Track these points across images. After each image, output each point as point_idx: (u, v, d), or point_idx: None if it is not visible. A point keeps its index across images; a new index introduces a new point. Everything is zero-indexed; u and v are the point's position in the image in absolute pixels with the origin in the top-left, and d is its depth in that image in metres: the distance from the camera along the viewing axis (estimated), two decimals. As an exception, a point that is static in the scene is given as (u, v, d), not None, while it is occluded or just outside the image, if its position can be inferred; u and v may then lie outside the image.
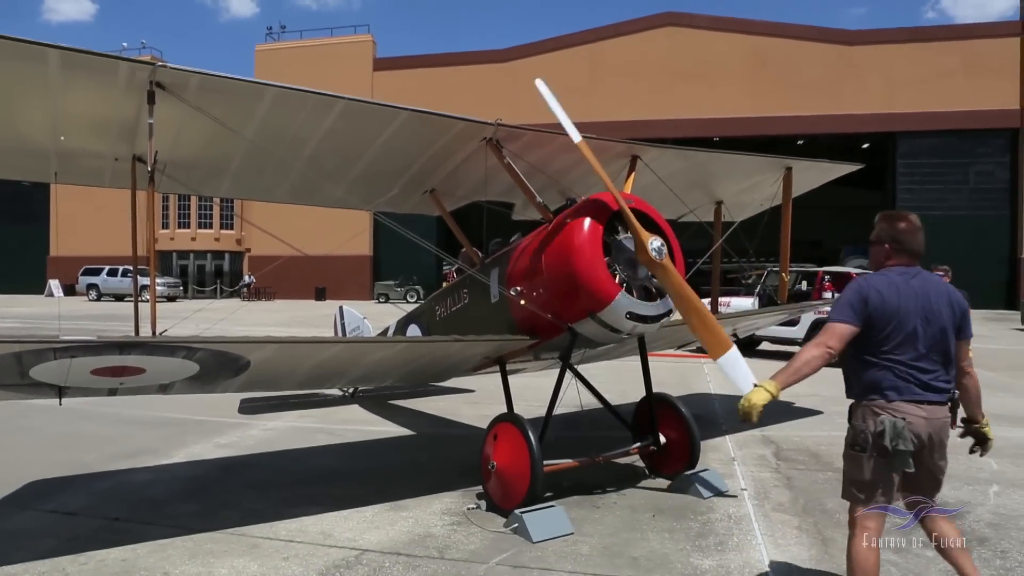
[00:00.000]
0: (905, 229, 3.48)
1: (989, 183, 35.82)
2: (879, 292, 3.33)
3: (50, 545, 4.51)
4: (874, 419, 3.26)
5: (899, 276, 3.40)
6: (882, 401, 3.28)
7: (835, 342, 3.33)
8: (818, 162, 7.92)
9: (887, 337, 3.30)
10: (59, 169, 5.63)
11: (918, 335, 3.29)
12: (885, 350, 3.30)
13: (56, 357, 3.97)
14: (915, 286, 3.37)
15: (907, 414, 3.22)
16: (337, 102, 4.89)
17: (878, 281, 3.39)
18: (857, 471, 3.33)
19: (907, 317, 3.30)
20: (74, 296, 41.97)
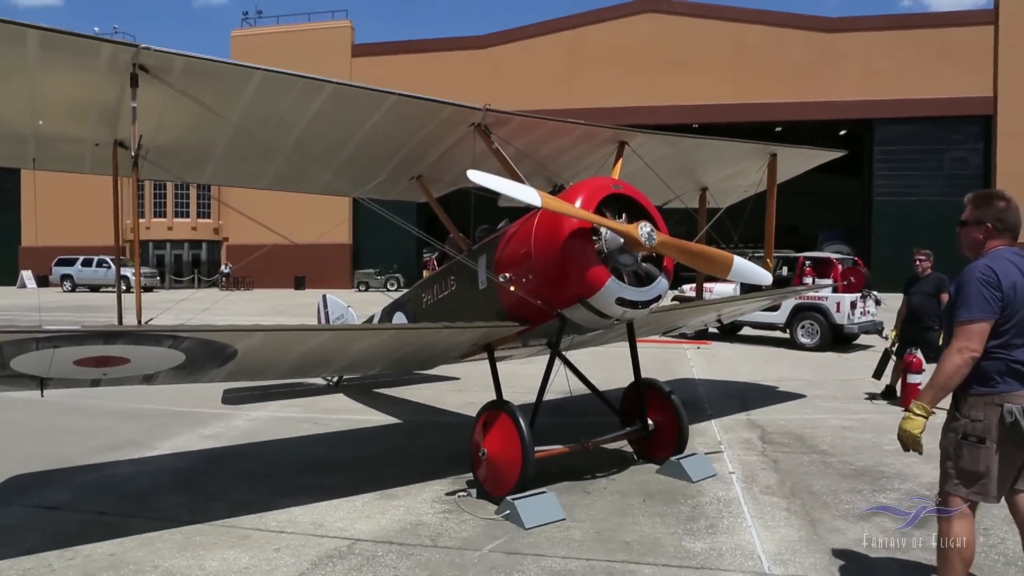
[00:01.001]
0: (1005, 207, 3.33)
1: (963, 169, 36.32)
2: (1011, 279, 3.16)
3: (35, 540, 4.43)
4: (997, 410, 3.13)
5: (1015, 257, 3.24)
6: (1002, 391, 3.15)
7: (976, 343, 3.13)
8: (802, 148, 7.95)
9: (1007, 327, 3.16)
10: (37, 155, 5.49)
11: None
12: (1002, 339, 3.17)
13: (38, 347, 3.88)
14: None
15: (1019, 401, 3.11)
16: (325, 86, 4.81)
17: (999, 266, 3.19)
18: (973, 463, 3.18)
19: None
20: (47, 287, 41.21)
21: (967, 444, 3.20)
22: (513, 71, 39.48)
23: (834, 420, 7.81)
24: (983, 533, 4.51)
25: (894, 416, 8.03)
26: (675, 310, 7.26)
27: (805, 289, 13.17)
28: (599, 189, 5.11)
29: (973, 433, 3.18)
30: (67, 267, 40.47)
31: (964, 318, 3.16)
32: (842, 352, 13.69)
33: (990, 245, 3.34)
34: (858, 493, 5.35)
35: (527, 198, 4.67)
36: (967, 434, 3.20)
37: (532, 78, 38.66)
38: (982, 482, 3.17)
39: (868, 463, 6.13)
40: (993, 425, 3.13)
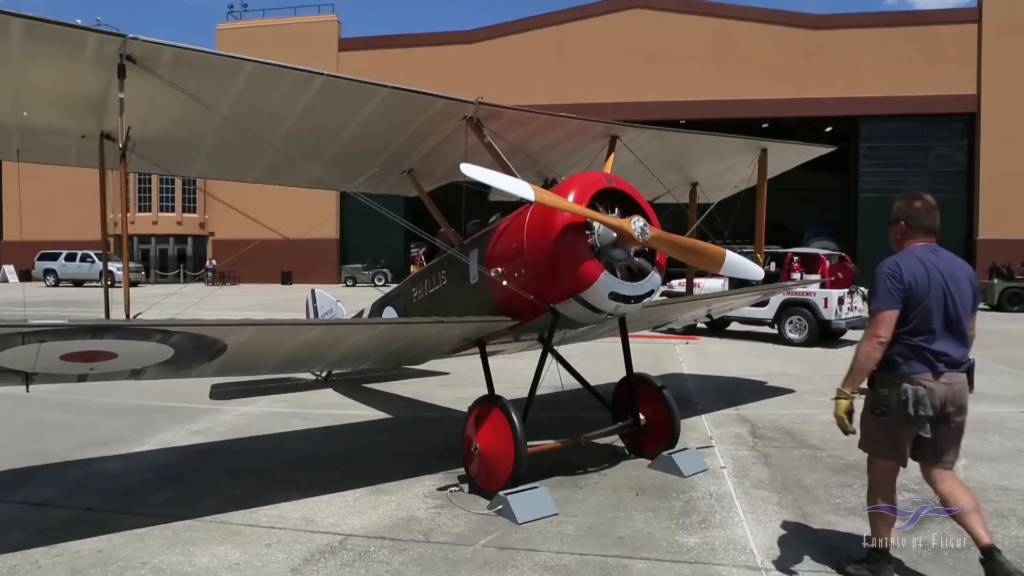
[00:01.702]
0: (921, 207, 3.71)
1: (947, 166, 36.72)
2: (912, 273, 3.54)
3: (20, 537, 4.36)
4: (898, 389, 3.52)
5: (924, 254, 3.62)
6: (904, 372, 3.53)
7: (884, 331, 3.52)
8: (793, 144, 7.97)
9: (913, 315, 3.53)
10: (21, 146, 5.40)
11: (940, 310, 3.55)
12: (909, 328, 3.53)
13: (24, 342, 3.81)
14: (939, 263, 3.61)
15: (927, 384, 3.49)
16: (316, 78, 4.76)
17: (904, 262, 3.59)
18: (877, 432, 3.65)
19: (933, 294, 3.54)
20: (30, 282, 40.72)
21: (874, 416, 3.65)
22: (501, 66, 39.43)
23: (823, 415, 7.82)
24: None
25: (882, 410, 8.09)
26: (666, 305, 7.26)
27: (793, 285, 13.24)
28: (592, 183, 5.10)
29: (878, 405, 3.62)
30: (50, 261, 40.03)
31: (873, 308, 3.61)
32: (830, 347, 13.78)
33: (908, 243, 3.74)
34: (848, 487, 5.37)
35: (521, 192, 4.64)
36: (874, 406, 3.64)
37: (520, 73, 38.63)
38: (889, 448, 3.64)
39: (858, 457, 6.07)
40: (894, 401, 3.55)
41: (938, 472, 3.65)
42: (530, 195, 4.62)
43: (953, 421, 3.60)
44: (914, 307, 3.54)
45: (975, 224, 35.62)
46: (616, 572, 3.89)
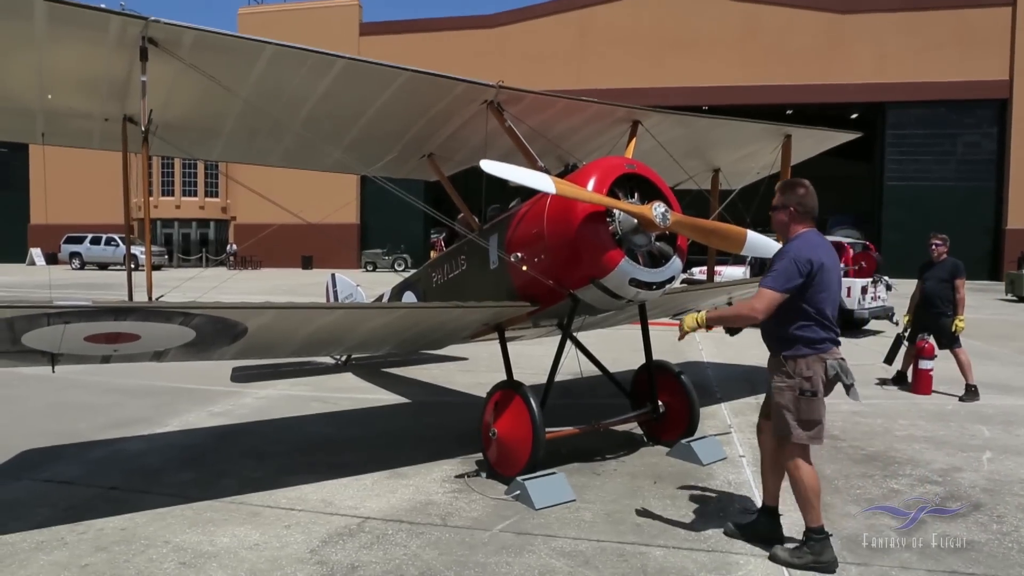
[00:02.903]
0: (805, 194, 3.91)
1: (976, 154, 36.00)
2: (819, 258, 3.74)
3: (47, 514, 4.45)
4: (822, 365, 3.76)
5: (817, 239, 3.87)
6: (820, 349, 3.76)
7: (765, 309, 3.73)
8: (817, 130, 7.84)
9: (819, 295, 3.75)
10: (46, 130, 5.45)
11: (835, 289, 3.83)
12: (818, 307, 3.76)
13: (50, 323, 3.87)
14: (826, 247, 3.86)
15: (837, 356, 3.81)
16: (336, 62, 4.74)
17: (807, 247, 3.79)
18: (811, 413, 3.76)
19: (831, 275, 3.79)
20: (56, 265, 41.39)
21: (804, 398, 3.76)
22: (522, 51, 39.22)
23: (844, 405, 7.71)
24: (996, 520, 4.48)
25: (905, 402, 7.99)
26: (686, 292, 7.20)
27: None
28: (613, 169, 5.05)
29: (808, 389, 3.75)
30: (76, 245, 40.66)
31: (767, 285, 3.75)
32: (852, 337, 13.61)
33: (795, 228, 3.91)
34: (869, 478, 5.32)
35: (541, 185, 4.64)
36: (803, 390, 3.76)
37: (541, 58, 38.40)
38: (817, 428, 3.79)
39: (879, 448, 6.10)
40: (819, 379, 3.75)
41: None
42: (551, 188, 4.61)
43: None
44: (821, 289, 3.74)
45: (1004, 214, 34.95)
46: (633, 559, 3.88)
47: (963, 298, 8.31)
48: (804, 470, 3.81)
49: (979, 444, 6.26)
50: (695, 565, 3.82)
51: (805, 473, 3.80)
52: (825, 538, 3.79)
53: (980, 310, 18.79)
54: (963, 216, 33.58)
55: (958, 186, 35.52)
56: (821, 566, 3.72)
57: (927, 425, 6.92)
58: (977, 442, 6.32)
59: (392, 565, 3.79)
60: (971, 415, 7.34)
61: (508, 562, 3.83)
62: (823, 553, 3.74)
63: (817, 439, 3.81)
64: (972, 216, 34.40)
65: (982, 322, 15.83)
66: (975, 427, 6.84)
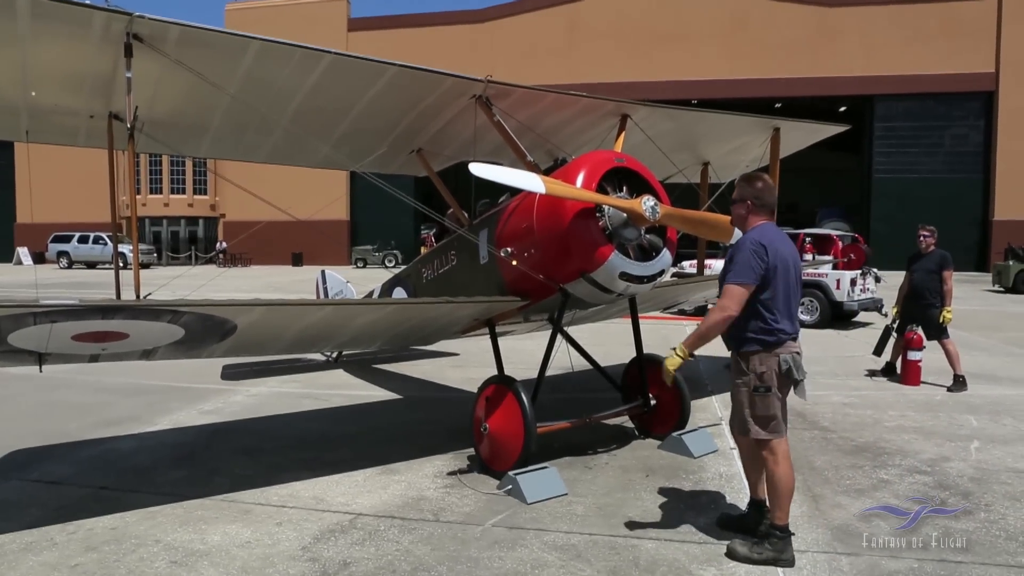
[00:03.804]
0: (763, 187, 3.92)
1: (963, 146, 36.23)
2: (775, 250, 3.74)
3: (36, 515, 4.42)
4: (775, 360, 3.74)
5: (774, 231, 3.88)
6: (772, 344, 3.75)
7: (736, 305, 3.72)
8: (806, 123, 7.86)
9: (776, 288, 3.75)
10: (30, 127, 5.40)
11: (791, 282, 3.81)
12: (769, 302, 3.75)
13: (36, 322, 3.84)
14: (783, 239, 3.87)
15: (792, 351, 3.77)
16: (324, 56, 4.72)
17: (768, 240, 3.78)
18: (765, 408, 3.76)
19: (787, 267, 3.78)
20: (44, 264, 41.05)
21: (758, 395, 3.76)
22: (511, 45, 39.12)
23: (835, 396, 7.82)
24: (984, 509, 4.52)
25: (894, 393, 8.05)
26: (677, 286, 7.22)
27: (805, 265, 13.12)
28: (602, 163, 5.05)
29: (760, 385, 3.75)
30: (63, 244, 40.32)
31: (732, 280, 3.75)
32: (842, 329, 13.70)
33: (753, 221, 3.92)
34: (859, 469, 5.35)
35: (530, 186, 4.66)
36: (756, 387, 3.77)
37: (530, 52, 38.32)
38: (773, 423, 3.78)
39: (869, 439, 6.14)
40: (773, 374, 3.74)
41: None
42: (540, 188, 4.63)
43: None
44: (775, 284, 3.74)
45: (991, 205, 35.20)
46: (625, 552, 3.89)
47: (951, 289, 8.37)
48: (780, 468, 3.78)
49: (967, 434, 6.31)
50: (687, 557, 3.83)
51: (780, 471, 3.78)
52: (787, 537, 3.78)
53: (968, 301, 18.93)
54: (951, 208, 33.80)
55: (946, 178, 35.73)
56: (780, 563, 3.71)
57: (916, 416, 6.97)
58: (965, 432, 6.38)
59: (384, 561, 3.78)
60: (959, 405, 7.40)
61: (500, 556, 3.83)
62: (784, 552, 3.73)
63: (776, 433, 3.78)
64: (959, 208, 34.62)
65: (970, 313, 15.95)
66: (963, 417, 6.90)
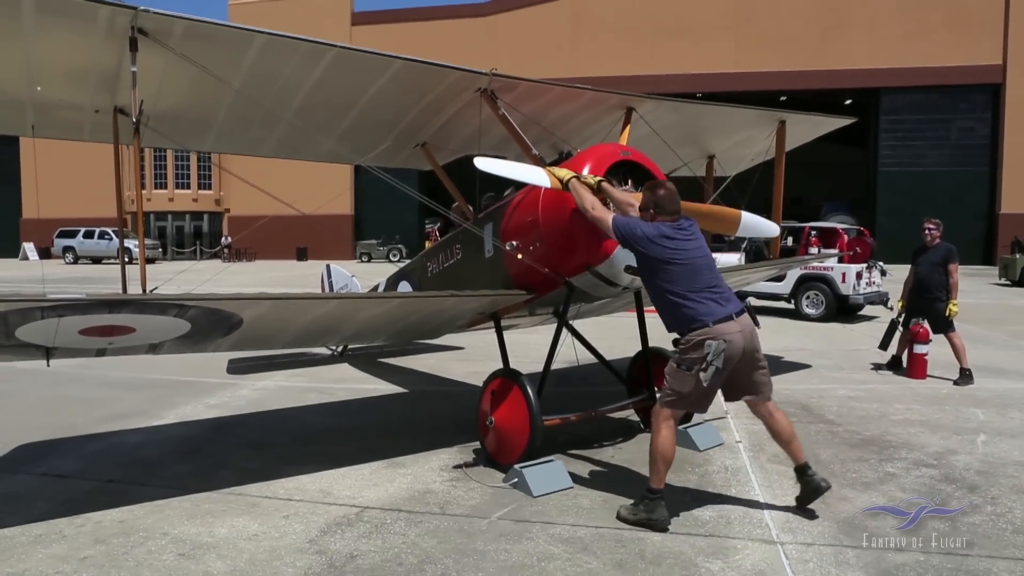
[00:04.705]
0: (664, 195, 4.34)
1: (970, 139, 36.02)
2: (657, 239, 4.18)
3: (44, 508, 4.44)
4: (701, 344, 4.04)
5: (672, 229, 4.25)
6: (707, 328, 4.06)
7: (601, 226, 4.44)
8: (811, 115, 7.83)
9: (673, 276, 4.16)
10: (36, 122, 5.40)
11: (708, 269, 4.22)
12: (687, 290, 4.15)
13: (43, 316, 3.85)
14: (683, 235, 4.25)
15: (726, 334, 4.04)
16: (328, 50, 4.71)
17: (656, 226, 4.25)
18: (680, 385, 4.15)
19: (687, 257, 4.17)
20: (49, 259, 41.19)
21: (678, 371, 4.16)
22: (514, 39, 39.03)
23: (840, 390, 7.80)
24: (991, 502, 4.51)
25: (900, 386, 8.03)
26: None
27: (811, 259, 13.10)
28: (608, 155, 5.04)
29: (682, 363, 4.14)
30: (69, 239, 40.45)
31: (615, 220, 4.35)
32: (847, 322, 13.67)
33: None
34: (865, 462, 5.34)
35: (537, 180, 4.71)
36: (679, 363, 4.16)
37: (534, 46, 38.23)
38: (689, 399, 4.15)
39: (874, 433, 6.13)
40: (699, 357, 4.06)
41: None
42: (546, 182, 4.67)
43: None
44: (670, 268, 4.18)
45: (997, 198, 35.03)
46: (631, 545, 3.90)
47: (956, 282, 8.35)
48: (661, 434, 4.16)
49: (974, 427, 6.30)
50: (693, 550, 3.84)
51: (661, 437, 4.16)
52: (658, 499, 4.09)
53: (974, 294, 18.87)
54: (957, 201, 33.65)
55: (952, 171, 35.56)
56: (652, 523, 4.05)
57: (922, 409, 6.96)
58: (972, 425, 6.36)
59: (391, 554, 3.80)
60: (965, 399, 7.39)
61: (507, 549, 3.84)
62: (654, 511, 4.06)
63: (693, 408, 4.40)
64: (966, 201, 34.47)
65: (976, 306, 15.90)
66: (970, 410, 6.88)
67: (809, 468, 4.29)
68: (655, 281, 4.23)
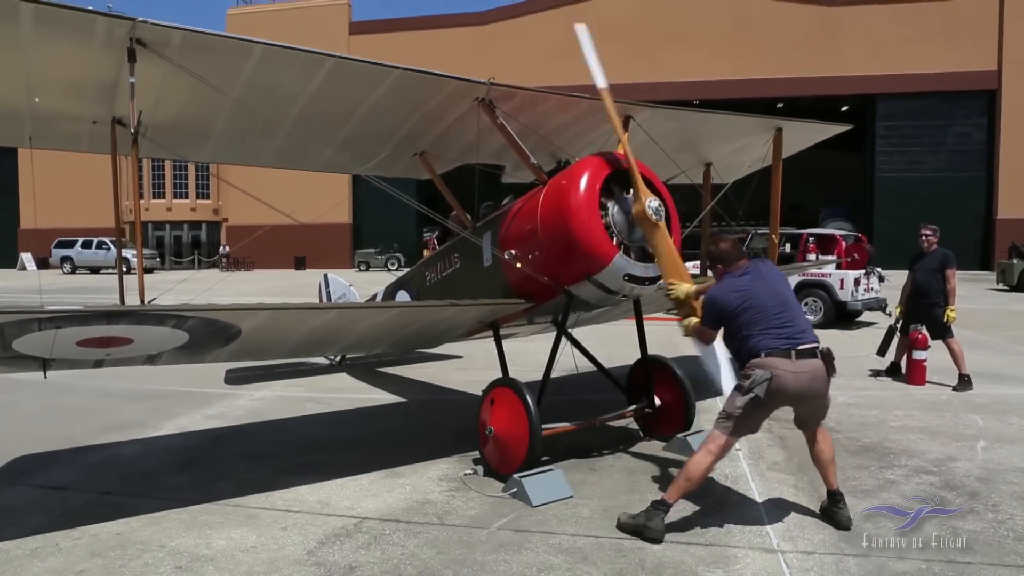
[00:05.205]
0: (725, 249, 4.40)
1: (966, 145, 36.15)
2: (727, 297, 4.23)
3: (41, 520, 4.41)
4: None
5: (735, 280, 4.29)
6: (759, 359, 4.07)
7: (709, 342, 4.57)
8: (809, 123, 7.85)
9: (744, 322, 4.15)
10: (34, 133, 5.40)
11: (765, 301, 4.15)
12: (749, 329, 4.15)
13: (41, 328, 3.83)
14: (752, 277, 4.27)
15: (776, 368, 3.99)
16: (326, 60, 4.71)
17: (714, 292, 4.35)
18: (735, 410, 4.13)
19: (757, 293, 4.17)
20: (47, 269, 41.14)
21: (731, 393, 4.20)
22: (512, 48, 39.14)
23: (839, 397, 7.76)
24: (991, 509, 4.50)
25: (899, 393, 8.02)
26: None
27: (809, 265, 13.11)
28: (606, 164, 5.04)
29: (736, 387, 4.16)
30: (67, 249, 40.41)
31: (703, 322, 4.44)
32: (846, 329, 13.67)
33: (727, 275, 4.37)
34: (865, 469, 5.33)
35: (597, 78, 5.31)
36: (744, 391, 4.08)
37: (531, 54, 38.31)
38: (730, 420, 4.13)
39: (874, 439, 6.12)
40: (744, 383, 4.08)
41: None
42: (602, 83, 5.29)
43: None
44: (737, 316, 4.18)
45: (994, 204, 35.11)
46: (631, 554, 3.88)
47: (954, 288, 8.35)
48: (697, 455, 4.18)
49: (973, 433, 6.29)
50: (693, 559, 3.82)
51: (696, 458, 4.18)
52: (660, 512, 4.07)
53: (972, 300, 18.89)
54: (954, 206, 33.72)
55: (949, 177, 35.66)
56: (645, 531, 4.04)
57: (922, 415, 6.95)
58: (971, 431, 6.36)
59: (390, 565, 3.78)
60: (965, 405, 7.38)
61: (506, 560, 3.82)
62: (651, 520, 4.05)
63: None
64: (963, 206, 34.55)
65: (974, 312, 15.91)
66: (969, 416, 6.88)
67: (841, 500, 4.27)
68: (729, 328, 4.27)
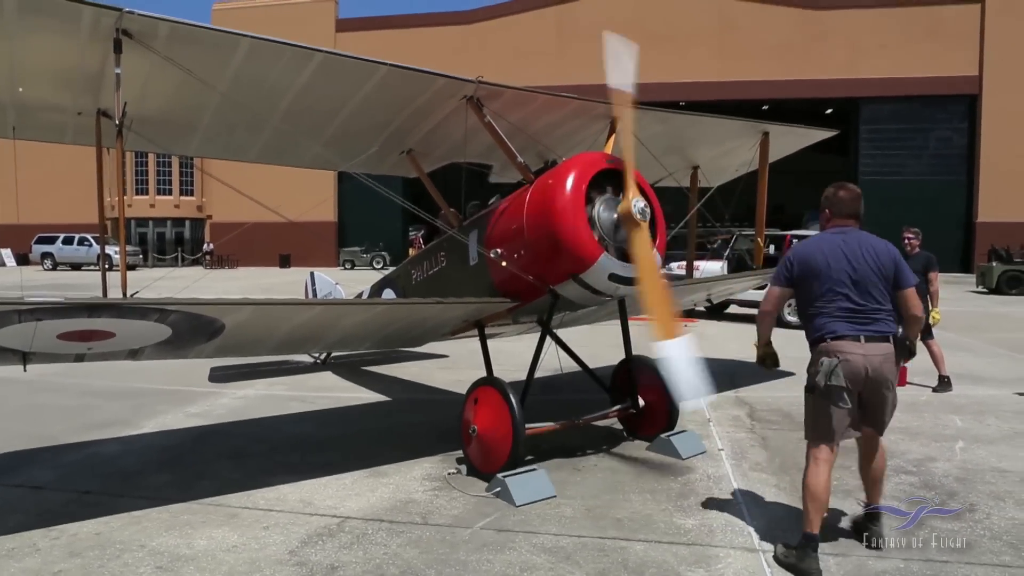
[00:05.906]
0: (843, 196, 4.00)
1: (948, 149, 36.56)
2: (806, 255, 3.89)
3: (18, 520, 4.36)
4: (820, 360, 3.80)
5: (830, 236, 3.93)
6: (824, 344, 3.81)
7: (770, 304, 4.12)
8: (795, 127, 7.91)
9: (817, 290, 3.84)
10: (17, 123, 5.33)
11: (847, 284, 3.77)
12: (819, 300, 3.84)
13: (21, 320, 3.79)
14: (839, 243, 3.86)
15: (844, 352, 3.71)
16: (314, 55, 4.69)
17: (804, 246, 3.99)
18: (808, 412, 3.97)
19: (833, 271, 3.78)
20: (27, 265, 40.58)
21: (808, 395, 3.94)
22: (500, 47, 39.08)
23: (821, 397, 7.83)
24: (969, 509, 4.55)
25: (881, 393, 8.09)
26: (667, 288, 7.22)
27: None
28: (592, 163, 5.06)
29: (807, 384, 3.92)
30: (47, 245, 39.83)
31: (769, 282, 4.14)
32: (828, 330, 13.74)
33: (828, 225, 4.03)
34: (846, 469, 5.34)
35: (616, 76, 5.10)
36: (808, 387, 3.92)
37: (519, 54, 38.31)
38: (815, 425, 3.92)
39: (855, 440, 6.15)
40: (816, 374, 3.82)
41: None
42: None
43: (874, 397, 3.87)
44: (809, 285, 3.89)
45: (975, 207, 35.54)
46: (614, 554, 3.89)
47: (937, 291, 8.43)
48: (806, 471, 3.94)
49: (952, 434, 6.36)
50: (675, 559, 3.84)
51: (806, 474, 3.93)
52: (807, 547, 3.68)
53: (952, 302, 19.08)
54: (935, 210, 34.06)
55: (931, 180, 36.03)
56: (799, 572, 3.63)
57: (902, 416, 6.98)
58: (950, 432, 6.43)
59: (372, 565, 3.76)
60: (944, 405, 7.46)
61: (489, 559, 3.82)
62: (803, 560, 3.64)
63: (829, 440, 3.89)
64: (944, 210, 34.90)
65: (954, 314, 16.07)
66: (948, 417, 6.95)
67: (878, 521, 4.04)
68: (798, 293, 3.98)
